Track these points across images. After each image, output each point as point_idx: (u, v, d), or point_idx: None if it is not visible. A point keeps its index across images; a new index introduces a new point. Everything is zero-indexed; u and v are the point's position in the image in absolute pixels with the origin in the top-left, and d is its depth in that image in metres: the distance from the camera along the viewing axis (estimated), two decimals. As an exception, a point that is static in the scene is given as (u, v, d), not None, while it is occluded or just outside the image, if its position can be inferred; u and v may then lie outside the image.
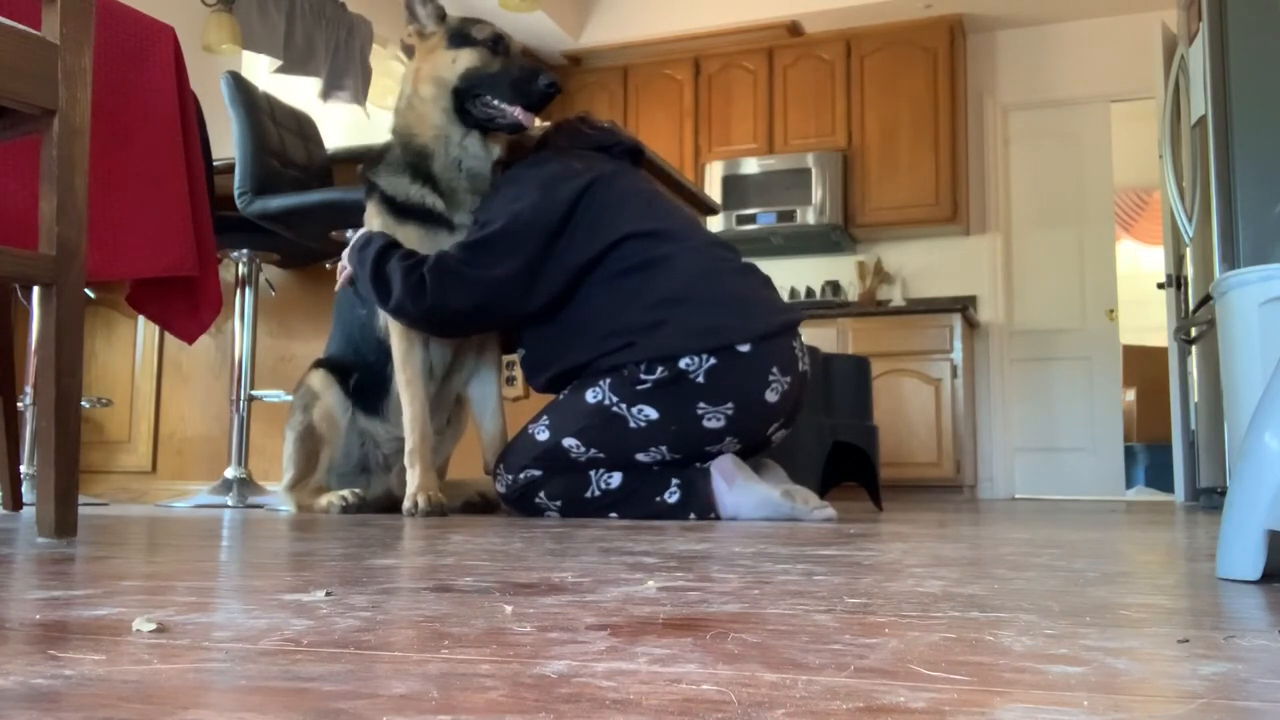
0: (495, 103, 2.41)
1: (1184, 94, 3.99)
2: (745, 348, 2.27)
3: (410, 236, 2.43)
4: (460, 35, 2.47)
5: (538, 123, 2.58)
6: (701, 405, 2.26)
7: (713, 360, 2.26)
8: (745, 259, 2.52)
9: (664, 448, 2.30)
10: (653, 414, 2.27)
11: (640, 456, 2.31)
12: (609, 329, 2.32)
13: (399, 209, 2.45)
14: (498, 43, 2.45)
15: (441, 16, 2.52)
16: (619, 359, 2.29)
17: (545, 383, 2.47)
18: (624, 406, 2.28)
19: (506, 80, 2.40)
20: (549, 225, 2.33)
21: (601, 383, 2.30)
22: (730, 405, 2.26)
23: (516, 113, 2.40)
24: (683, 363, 2.25)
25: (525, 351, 2.52)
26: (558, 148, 2.51)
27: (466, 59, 2.44)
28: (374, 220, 2.51)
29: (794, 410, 2.39)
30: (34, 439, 2.97)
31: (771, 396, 2.29)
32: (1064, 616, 0.70)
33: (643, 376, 2.26)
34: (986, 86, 6.41)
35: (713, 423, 2.27)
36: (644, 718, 0.40)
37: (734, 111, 6.42)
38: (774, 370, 2.29)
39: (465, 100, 2.43)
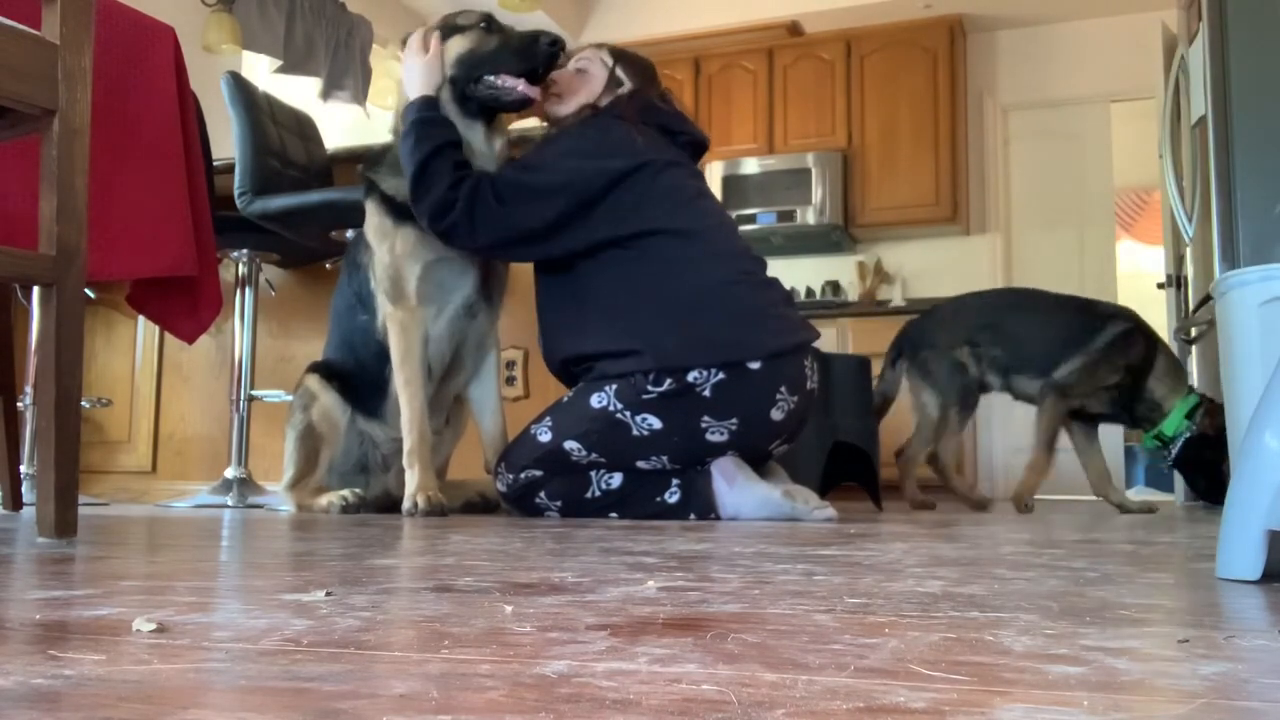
0: (497, 81, 2.37)
1: (1184, 94, 3.99)
2: (755, 365, 2.25)
3: (408, 238, 2.42)
4: (449, 28, 2.45)
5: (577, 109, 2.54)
6: (706, 419, 2.25)
7: (721, 375, 2.24)
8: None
9: (665, 457, 2.29)
10: (656, 424, 2.26)
11: (641, 464, 2.31)
12: (623, 323, 2.31)
13: (398, 210, 2.44)
14: (490, 23, 2.44)
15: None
16: (627, 365, 2.28)
17: (558, 365, 2.46)
18: (628, 414, 2.27)
19: (508, 51, 2.37)
20: (590, 191, 2.31)
21: (607, 388, 2.29)
22: (735, 421, 2.25)
23: (520, 86, 2.36)
24: (691, 375, 2.24)
25: (542, 324, 2.49)
26: (627, 117, 2.43)
27: (458, 45, 2.41)
28: (372, 220, 2.50)
29: (798, 428, 2.38)
30: (34, 439, 2.97)
31: (777, 415, 2.29)
32: (1064, 616, 0.70)
33: (649, 387, 2.25)
34: (986, 86, 6.41)
35: (716, 437, 2.27)
36: (644, 718, 0.40)
37: (734, 111, 6.42)
38: (782, 389, 2.28)
39: (464, 87, 2.41)
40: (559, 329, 2.43)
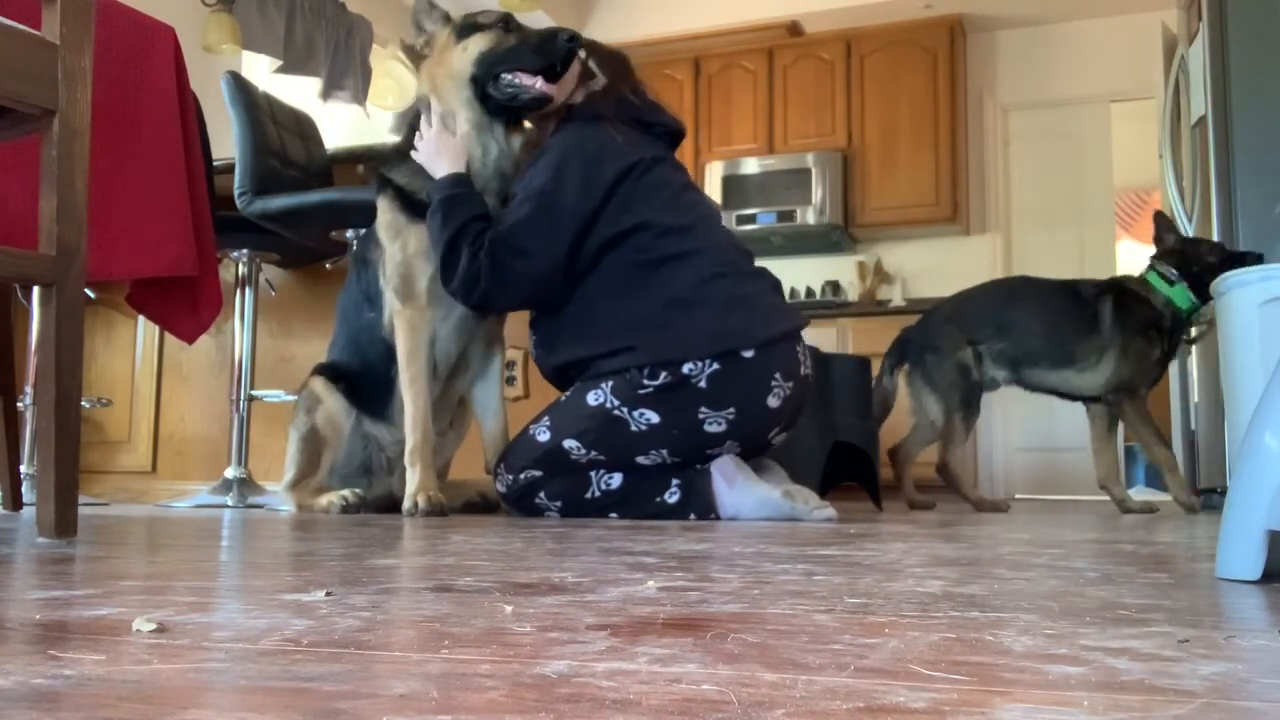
0: (516, 79, 2.37)
1: (1184, 94, 3.99)
2: (749, 353, 2.26)
3: (421, 236, 2.41)
4: (468, 26, 2.45)
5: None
6: (703, 410, 2.26)
7: (716, 365, 2.25)
8: (747, 260, 2.52)
9: (664, 451, 2.29)
10: (654, 418, 2.26)
11: (640, 459, 2.31)
12: (615, 322, 2.31)
13: (412, 206, 2.43)
14: (508, 22, 2.44)
15: (446, 19, 2.50)
16: (621, 362, 2.28)
17: (552, 371, 2.46)
18: (625, 410, 2.27)
19: (527, 49, 2.36)
20: (590, 209, 2.31)
21: (603, 385, 2.30)
22: (732, 410, 2.26)
23: (538, 84, 2.36)
24: (685, 367, 2.25)
25: (535, 333, 2.50)
26: (601, 115, 2.42)
27: (478, 43, 2.41)
28: (384, 217, 2.49)
29: (795, 415, 2.39)
30: (34, 439, 2.97)
31: (774, 402, 2.29)
32: (1064, 616, 0.70)
33: (645, 381, 2.26)
34: (986, 86, 6.41)
35: (714, 427, 2.27)
36: (644, 718, 0.40)
37: (734, 111, 6.42)
38: (776, 376, 2.29)
39: (485, 85, 2.40)
40: (552, 335, 2.43)
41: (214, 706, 0.42)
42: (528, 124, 2.54)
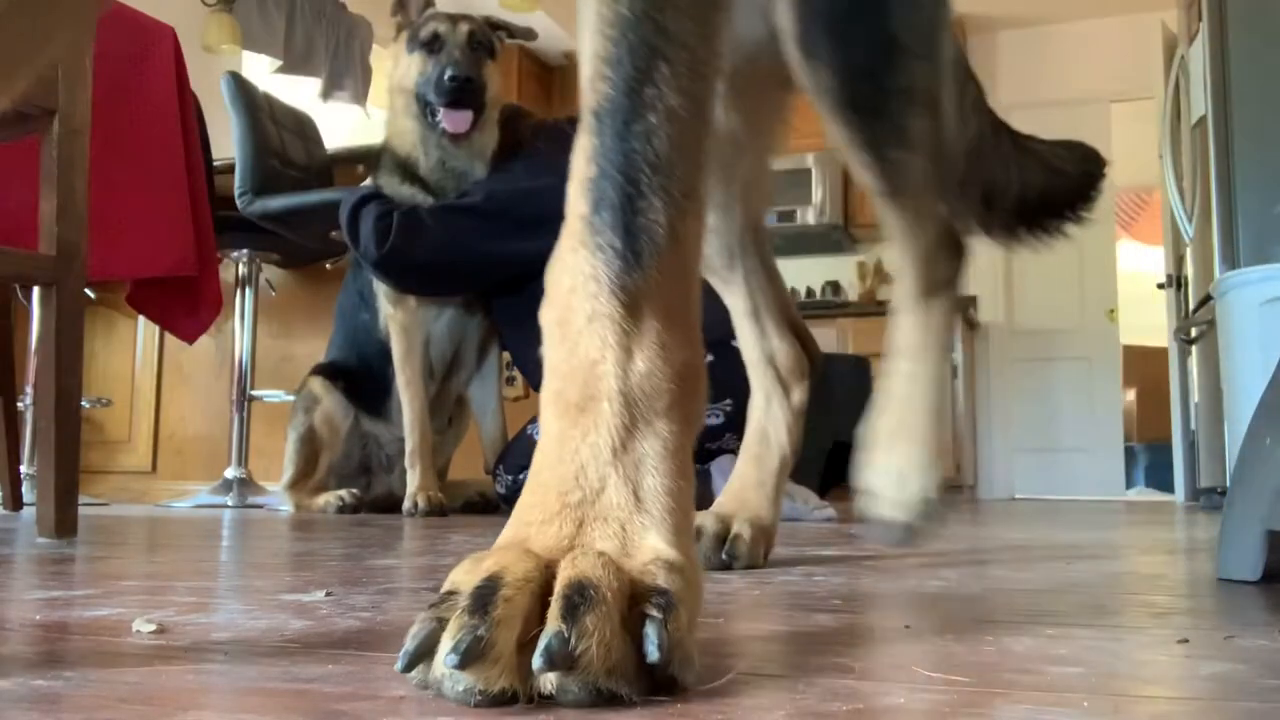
0: (433, 108, 2.41)
1: (1184, 94, 3.99)
2: None
3: None
4: (412, 38, 2.47)
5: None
6: None
7: (709, 356, 2.25)
8: (745, 259, 2.53)
9: None
10: None
11: None
12: None
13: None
14: (434, 42, 2.45)
15: (425, 7, 2.52)
16: None
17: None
18: None
19: (430, 85, 2.40)
20: (520, 213, 2.35)
21: None
22: (729, 402, 2.26)
23: (441, 117, 2.39)
24: None
25: (517, 352, 2.53)
26: (546, 150, 2.51)
27: (415, 65, 2.45)
28: None
29: None
30: (34, 439, 2.96)
31: None
32: (1064, 616, 0.70)
33: None
34: (987, 86, 6.40)
35: (712, 420, 2.27)
36: (643, 717, 0.40)
37: (734, 111, 6.41)
38: None
39: (423, 106, 2.44)
40: (524, 344, 2.45)
41: (214, 707, 0.42)
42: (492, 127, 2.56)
